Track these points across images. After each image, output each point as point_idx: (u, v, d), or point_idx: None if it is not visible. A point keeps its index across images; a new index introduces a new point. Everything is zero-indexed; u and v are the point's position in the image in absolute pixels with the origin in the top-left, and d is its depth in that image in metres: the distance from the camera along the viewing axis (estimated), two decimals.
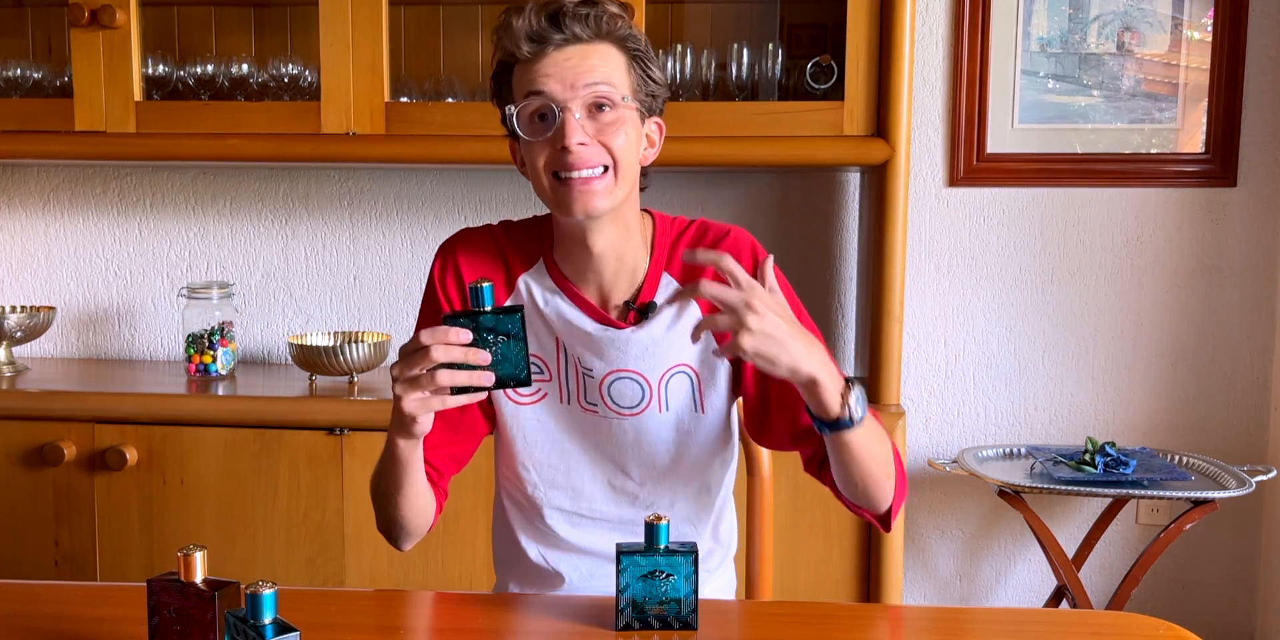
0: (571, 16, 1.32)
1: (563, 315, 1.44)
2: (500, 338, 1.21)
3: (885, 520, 1.40)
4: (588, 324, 1.43)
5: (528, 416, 1.47)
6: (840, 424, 1.26)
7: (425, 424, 1.26)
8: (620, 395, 1.44)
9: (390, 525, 1.42)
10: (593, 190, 1.33)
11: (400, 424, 1.27)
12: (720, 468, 1.52)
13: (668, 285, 1.44)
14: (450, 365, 1.20)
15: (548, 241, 1.47)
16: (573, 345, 1.44)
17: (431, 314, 1.47)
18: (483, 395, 1.23)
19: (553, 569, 1.51)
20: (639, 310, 1.43)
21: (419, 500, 1.38)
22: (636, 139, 1.37)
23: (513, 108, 1.36)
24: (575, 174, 1.33)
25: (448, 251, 1.49)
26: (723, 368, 1.45)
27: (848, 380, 1.27)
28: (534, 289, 1.45)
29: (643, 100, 1.37)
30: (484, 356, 1.20)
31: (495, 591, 1.60)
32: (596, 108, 1.33)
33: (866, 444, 1.30)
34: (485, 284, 1.21)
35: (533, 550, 1.52)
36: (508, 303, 1.46)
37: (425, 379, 1.20)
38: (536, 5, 1.33)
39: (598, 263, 1.41)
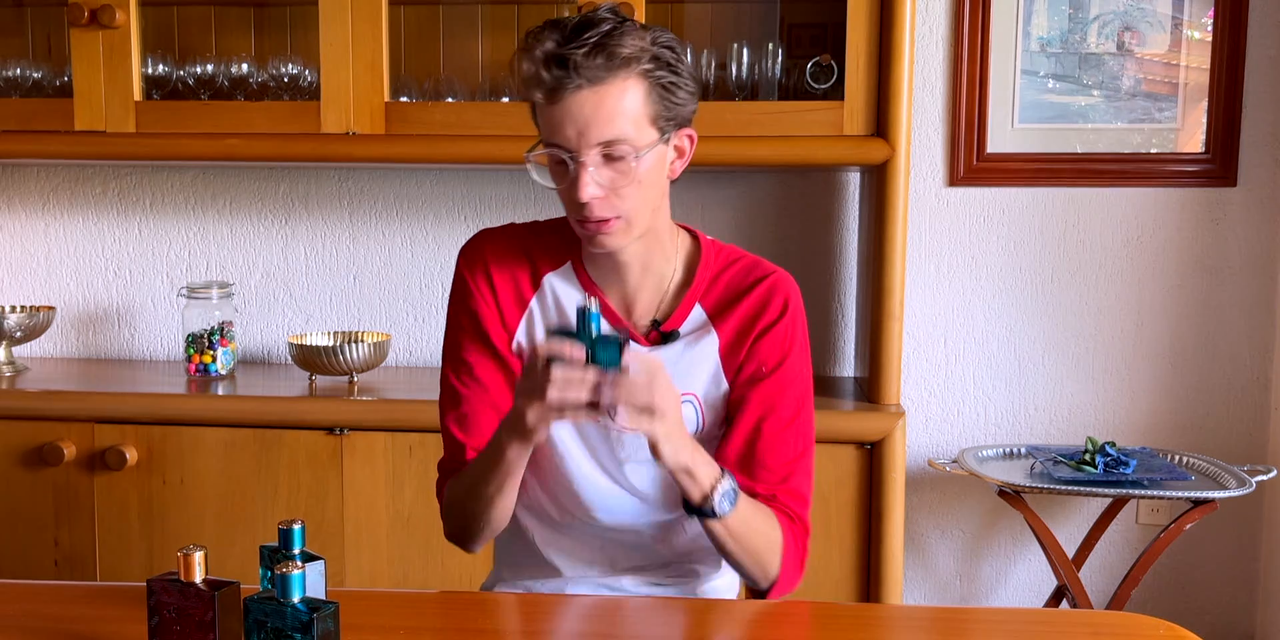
0: (583, 64, 1.28)
1: None
2: (599, 367, 1.21)
3: (761, 593, 1.44)
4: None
5: None
6: (703, 512, 1.32)
7: (543, 433, 1.28)
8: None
9: (476, 528, 1.44)
10: (608, 232, 1.36)
11: (518, 430, 1.29)
12: None
13: (697, 316, 1.45)
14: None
15: (576, 244, 1.47)
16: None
17: (468, 314, 1.48)
18: (593, 414, 1.24)
19: (547, 560, 1.51)
20: (663, 334, 1.44)
21: (510, 500, 1.41)
22: (657, 171, 1.37)
23: (530, 155, 1.36)
24: (590, 221, 1.35)
25: (474, 251, 1.49)
26: (723, 393, 1.46)
27: (724, 473, 1.33)
28: (560, 290, 1.47)
29: (665, 124, 1.36)
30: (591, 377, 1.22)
31: (490, 579, 1.60)
32: (611, 158, 1.33)
33: (736, 535, 1.35)
34: (593, 309, 1.22)
35: (537, 537, 1.52)
36: (533, 300, 1.47)
37: (544, 393, 1.22)
38: (545, 53, 1.29)
39: (624, 270, 1.44)
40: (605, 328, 1.27)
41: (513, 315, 1.47)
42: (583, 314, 1.22)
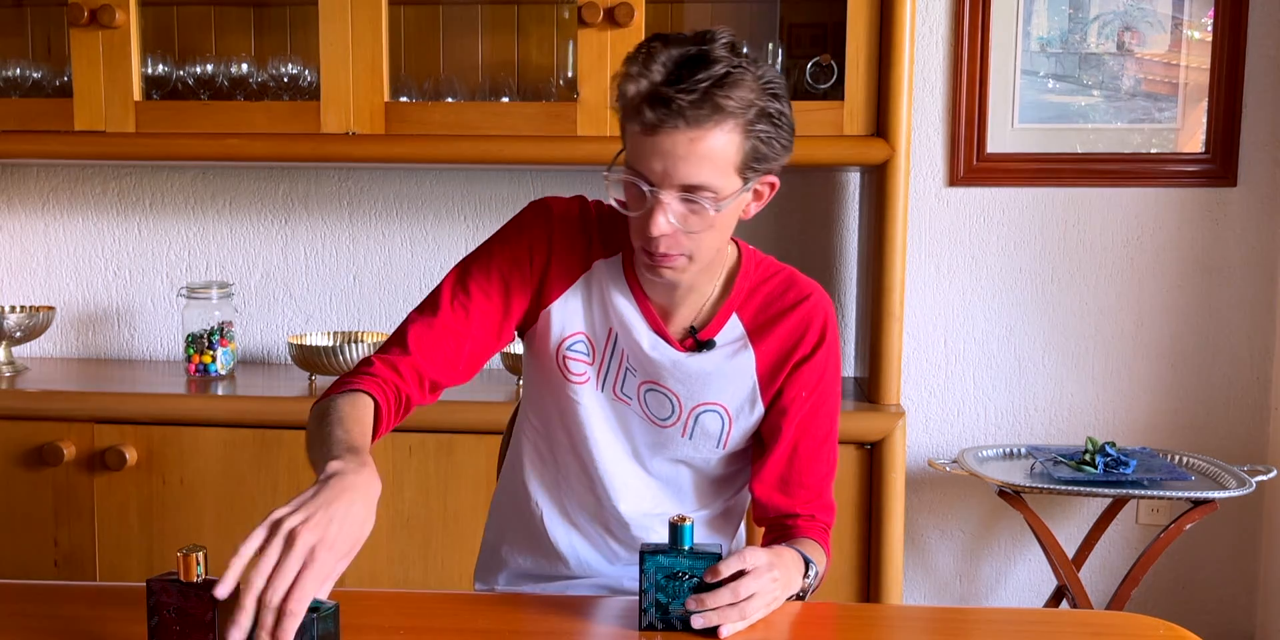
0: (686, 110, 1.24)
1: (625, 316, 1.45)
2: (691, 578, 1.23)
3: None
4: (644, 333, 1.44)
5: (569, 395, 1.47)
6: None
7: None
8: (653, 403, 1.46)
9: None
10: (669, 267, 1.35)
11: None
12: (732, 492, 1.55)
13: (734, 327, 1.45)
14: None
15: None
16: (626, 342, 1.45)
17: (510, 251, 1.44)
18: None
19: (551, 543, 1.51)
20: (698, 342, 1.44)
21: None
22: (732, 215, 1.35)
23: (610, 174, 1.33)
24: (656, 253, 1.34)
25: (548, 209, 1.46)
26: (758, 413, 1.47)
27: (806, 562, 1.36)
28: (605, 277, 1.45)
29: (751, 174, 1.32)
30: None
31: (484, 554, 1.60)
32: (691, 201, 1.30)
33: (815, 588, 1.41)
34: (687, 524, 1.23)
35: (545, 520, 1.52)
36: (577, 282, 1.46)
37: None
38: (650, 88, 1.25)
39: (671, 285, 1.43)
40: (697, 540, 1.27)
41: (556, 286, 1.45)
42: (675, 529, 1.23)
